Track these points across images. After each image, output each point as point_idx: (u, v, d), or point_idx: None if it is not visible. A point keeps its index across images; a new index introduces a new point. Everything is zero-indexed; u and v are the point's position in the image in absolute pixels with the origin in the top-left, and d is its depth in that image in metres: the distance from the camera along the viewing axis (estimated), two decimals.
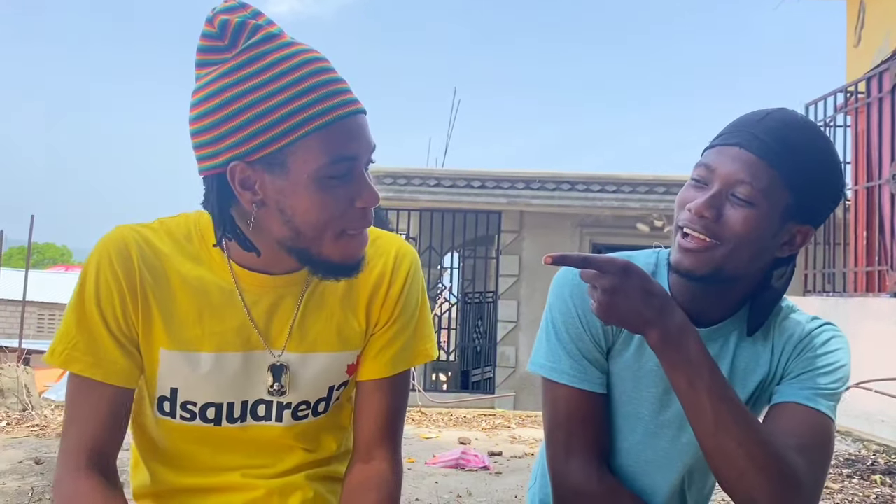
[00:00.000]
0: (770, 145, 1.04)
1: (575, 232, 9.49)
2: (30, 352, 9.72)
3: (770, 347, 1.17)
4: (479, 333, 10.92)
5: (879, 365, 4.97)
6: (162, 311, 1.07)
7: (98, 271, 1.05)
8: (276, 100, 0.96)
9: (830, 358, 1.15)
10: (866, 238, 5.96)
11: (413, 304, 1.17)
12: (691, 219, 1.06)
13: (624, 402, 1.19)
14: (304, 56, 0.99)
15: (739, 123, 1.08)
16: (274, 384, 1.11)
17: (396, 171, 9.38)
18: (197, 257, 1.09)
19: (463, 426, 5.56)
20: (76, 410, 1.06)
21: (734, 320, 1.16)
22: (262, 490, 1.14)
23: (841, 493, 3.71)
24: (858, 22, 6.97)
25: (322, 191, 0.99)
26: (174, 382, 1.09)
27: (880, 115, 5.75)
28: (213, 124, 0.98)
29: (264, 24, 1.00)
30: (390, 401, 1.16)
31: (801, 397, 1.11)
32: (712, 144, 1.10)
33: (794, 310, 1.21)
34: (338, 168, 0.98)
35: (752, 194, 1.03)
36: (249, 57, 0.97)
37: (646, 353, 1.16)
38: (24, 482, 3.56)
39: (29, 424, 4.99)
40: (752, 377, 1.17)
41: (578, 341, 1.16)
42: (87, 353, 1.05)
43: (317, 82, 0.97)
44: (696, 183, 1.08)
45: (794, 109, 1.11)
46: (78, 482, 1.03)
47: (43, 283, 20.24)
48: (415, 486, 3.64)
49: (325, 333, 1.13)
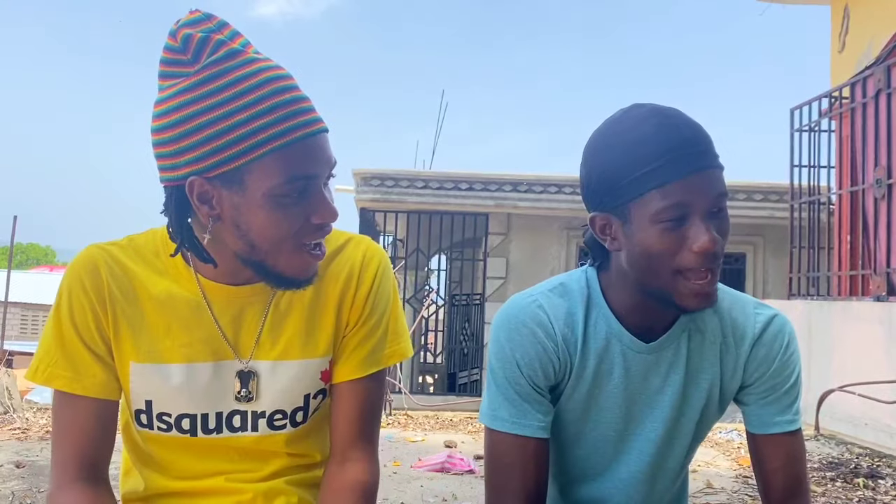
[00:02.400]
0: (711, 150, 1.04)
1: (562, 234, 9.52)
2: (12, 353, 9.62)
3: (719, 342, 1.17)
4: (466, 336, 10.92)
5: (863, 368, 5.00)
6: (131, 326, 1.10)
7: (70, 290, 1.09)
8: (236, 119, 0.96)
9: (792, 363, 1.18)
10: (850, 242, 6.00)
11: (383, 304, 1.17)
12: (711, 258, 1.01)
13: (591, 429, 1.19)
14: (266, 74, 0.99)
15: (672, 148, 1.01)
16: (241, 390, 1.12)
17: (384, 173, 9.37)
18: (164, 272, 1.12)
19: (449, 429, 5.55)
20: (63, 425, 1.09)
21: (683, 320, 1.15)
22: (249, 493, 1.15)
23: (824, 497, 3.73)
24: (843, 28, 7.03)
25: (276, 208, 1.00)
26: (148, 395, 1.12)
27: (864, 120, 5.80)
28: (174, 138, 0.99)
29: (227, 39, 1.00)
30: (365, 402, 1.17)
31: (782, 425, 1.17)
32: (667, 178, 1.00)
33: (736, 297, 1.19)
34: (293, 187, 0.99)
35: (726, 200, 1.04)
36: (211, 73, 0.97)
37: (603, 380, 1.16)
38: (5, 486, 3.52)
39: (10, 427, 4.93)
40: (705, 375, 1.17)
41: (515, 384, 1.14)
42: (67, 369, 1.08)
43: (277, 102, 0.98)
44: (672, 224, 1.01)
45: (640, 104, 1.08)
46: (68, 496, 1.06)
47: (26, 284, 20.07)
48: (400, 489, 3.62)
49: (295, 341, 1.13)
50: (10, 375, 5.69)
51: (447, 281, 11.39)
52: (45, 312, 19.84)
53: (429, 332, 10.91)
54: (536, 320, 1.14)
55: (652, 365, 1.15)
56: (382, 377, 1.20)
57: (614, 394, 1.16)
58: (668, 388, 1.16)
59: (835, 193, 6.40)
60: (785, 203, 7.59)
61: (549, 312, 1.15)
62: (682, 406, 1.17)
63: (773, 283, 9.25)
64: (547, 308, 1.15)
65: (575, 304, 1.16)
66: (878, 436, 4.86)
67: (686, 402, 1.17)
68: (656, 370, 1.15)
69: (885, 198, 5.47)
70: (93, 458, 1.08)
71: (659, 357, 1.15)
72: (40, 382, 1.09)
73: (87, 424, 1.08)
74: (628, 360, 1.15)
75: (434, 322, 10.89)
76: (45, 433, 4.74)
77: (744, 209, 8.98)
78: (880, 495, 3.77)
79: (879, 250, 5.55)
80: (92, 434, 1.08)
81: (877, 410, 4.80)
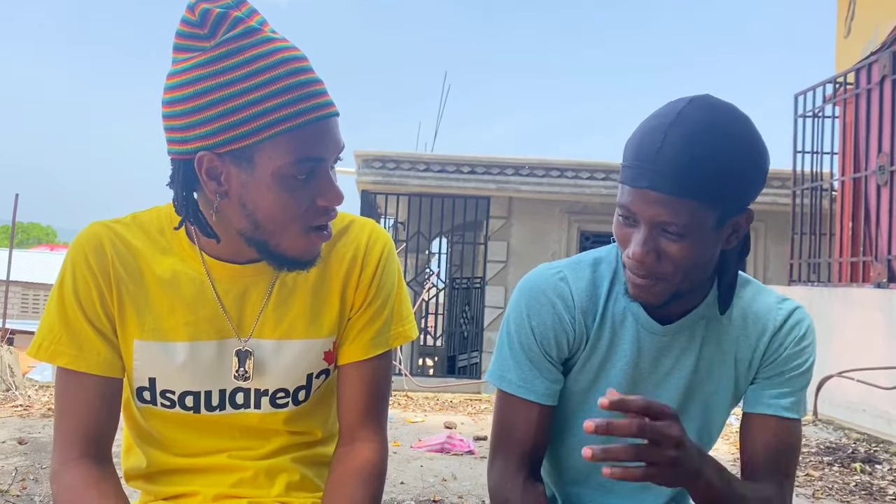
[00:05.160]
0: (678, 178, 0.98)
1: (563, 219, 9.51)
2: (13, 332, 9.66)
3: (737, 333, 1.17)
4: (466, 319, 10.94)
5: (862, 354, 5.02)
6: (136, 304, 1.10)
7: (74, 266, 1.08)
8: (250, 97, 0.96)
9: (804, 355, 1.16)
10: (852, 229, 6.00)
11: (388, 286, 1.17)
12: (634, 266, 1.05)
13: (594, 403, 1.19)
14: (282, 55, 0.99)
15: (641, 155, 1.01)
16: (239, 369, 1.12)
17: (385, 155, 9.34)
18: (169, 250, 1.11)
19: (449, 411, 5.57)
20: (66, 402, 1.09)
21: (702, 308, 1.15)
22: (250, 471, 1.16)
23: (821, 481, 3.75)
24: (849, 13, 6.98)
25: (284, 189, 1.00)
26: (151, 372, 1.12)
27: (868, 107, 5.78)
28: (186, 112, 0.98)
29: (245, 17, 0.99)
30: (372, 382, 1.18)
31: (778, 408, 1.15)
32: (623, 180, 1.04)
33: (762, 290, 1.19)
34: (302, 168, 1.00)
35: (680, 229, 1.01)
36: (228, 50, 0.97)
37: (615, 356, 1.16)
38: (8, 462, 3.55)
39: (12, 404, 4.96)
40: (718, 363, 1.17)
41: (528, 351, 1.16)
42: (71, 346, 1.08)
43: (291, 83, 0.98)
44: (624, 220, 1.06)
45: (700, 98, 1.02)
46: (73, 472, 1.06)
47: (27, 263, 20.09)
48: (400, 469, 3.65)
49: (299, 320, 1.14)
50: (13, 353, 5.72)
51: (448, 264, 11.39)
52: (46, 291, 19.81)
53: (429, 315, 10.92)
54: (557, 292, 1.16)
55: (664, 347, 1.16)
56: (389, 357, 1.20)
57: (623, 371, 1.17)
58: (677, 371, 1.16)
59: (837, 180, 6.39)
60: (787, 189, 7.58)
61: (571, 285, 1.16)
62: (691, 391, 1.17)
63: (773, 270, 9.25)
64: (571, 280, 1.16)
65: (601, 277, 1.17)
66: (876, 422, 4.88)
67: (695, 388, 1.17)
68: (668, 353, 1.16)
69: (887, 185, 5.46)
70: (96, 435, 1.08)
71: (672, 340, 1.15)
72: (44, 359, 1.08)
73: (90, 402, 1.08)
74: (641, 339, 1.15)
75: (434, 305, 10.90)
76: (48, 410, 4.77)
77: None
78: (877, 480, 3.80)
79: (881, 237, 5.55)
80: (95, 411, 1.08)
81: (875, 396, 4.82)
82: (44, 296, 20.99)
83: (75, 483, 1.05)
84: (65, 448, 1.07)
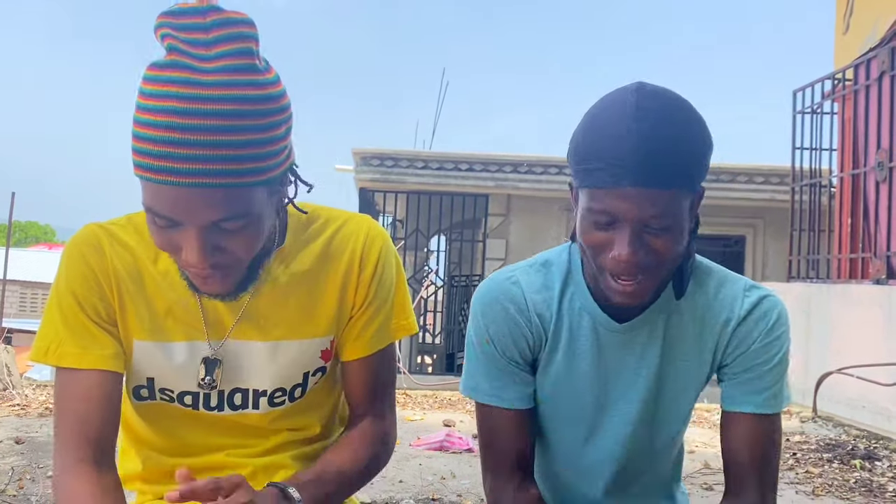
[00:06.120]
0: (660, 170, 0.97)
1: (562, 216, 9.50)
2: (11, 330, 9.65)
3: (700, 323, 1.15)
4: (464, 317, 10.94)
5: (861, 351, 5.01)
6: (135, 304, 1.09)
7: (73, 267, 1.08)
8: (135, 128, 0.92)
9: (775, 346, 1.13)
10: (851, 225, 6.00)
11: (388, 283, 1.17)
12: (624, 269, 1.00)
13: (565, 407, 1.19)
14: (177, 104, 0.90)
15: (610, 155, 0.97)
16: (205, 377, 1.11)
17: (383, 153, 9.33)
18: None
19: (448, 408, 5.57)
20: (68, 403, 1.06)
21: (660, 301, 1.13)
22: (249, 468, 1.16)
23: (821, 478, 3.75)
24: (848, 9, 6.97)
25: (151, 224, 0.97)
26: (150, 372, 1.11)
27: (867, 103, 5.78)
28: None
29: (181, 45, 0.92)
30: (378, 373, 1.20)
31: (753, 405, 1.13)
32: (595, 184, 0.99)
33: (727, 279, 1.16)
34: (153, 217, 0.96)
35: (665, 221, 0.99)
36: (147, 75, 0.93)
37: (577, 356, 1.15)
38: (5, 462, 3.54)
39: (10, 404, 4.94)
40: (683, 356, 1.15)
41: (491, 358, 1.15)
42: (75, 346, 1.06)
43: (159, 136, 0.90)
44: (598, 225, 1.01)
45: (643, 88, 1.00)
46: (74, 482, 1.03)
47: (25, 262, 20.07)
48: (399, 467, 3.64)
49: (293, 321, 1.13)
50: (10, 352, 5.70)
51: (446, 262, 11.38)
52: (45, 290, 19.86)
53: (428, 313, 10.92)
54: (509, 296, 1.15)
55: (625, 344, 1.14)
56: (393, 349, 1.22)
57: (587, 371, 1.16)
58: (643, 368, 1.15)
59: (836, 176, 6.38)
60: (786, 186, 7.58)
61: (524, 287, 1.15)
62: (660, 387, 1.16)
63: (772, 266, 9.25)
64: (523, 283, 1.15)
65: (553, 279, 1.16)
66: (876, 418, 4.88)
67: (664, 382, 1.16)
68: (630, 350, 1.15)
69: (886, 181, 5.46)
70: (98, 437, 1.05)
71: (633, 337, 1.14)
72: (51, 363, 1.06)
73: (92, 400, 1.05)
74: (601, 338, 1.14)
75: (433, 303, 10.89)
76: (45, 409, 4.75)
77: (744, 192, 8.96)
78: (877, 476, 3.80)
79: (880, 233, 5.55)
80: (97, 410, 1.05)
81: (874, 393, 4.82)
82: (42, 295, 20.98)
83: (77, 495, 1.02)
84: (66, 452, 1.04)
